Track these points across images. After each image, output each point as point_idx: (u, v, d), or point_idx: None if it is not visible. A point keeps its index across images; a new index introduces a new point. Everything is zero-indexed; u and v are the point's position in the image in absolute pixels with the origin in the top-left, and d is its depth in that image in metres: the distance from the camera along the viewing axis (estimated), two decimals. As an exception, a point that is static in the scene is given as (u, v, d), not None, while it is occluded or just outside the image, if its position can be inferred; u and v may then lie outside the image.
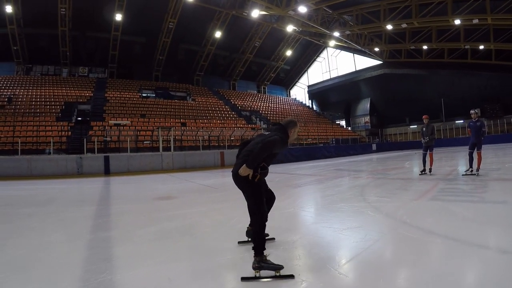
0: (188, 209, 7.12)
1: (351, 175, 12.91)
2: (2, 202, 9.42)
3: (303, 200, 7.68)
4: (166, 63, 40.84)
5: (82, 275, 3.38)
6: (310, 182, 11.10)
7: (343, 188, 9.12)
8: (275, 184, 10.84)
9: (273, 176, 14.21)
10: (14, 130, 22.87)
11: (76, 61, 37.90)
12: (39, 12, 31.78)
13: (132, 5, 33.03)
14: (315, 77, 52.07)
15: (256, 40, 41.94)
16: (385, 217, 5.37)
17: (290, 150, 25.78)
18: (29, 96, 29.93)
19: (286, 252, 3.88)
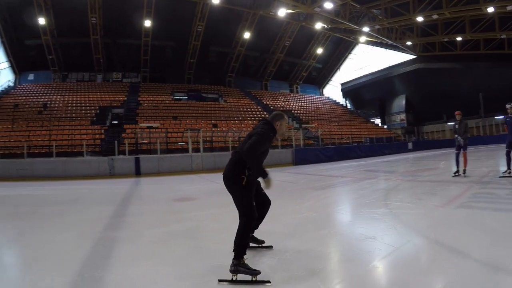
0: (201, 211, 7.08)
1: (380, 176, 12.34)
2: (32, 200, 10.27)
3: (320, 204, 7.24)
4: (198, 66, 41.22)
5: (78, 270, 3.60)
6: (335, 184, 10.67)
7: (367, 192, 8.58)
8: (298, 186, 10.63)
9: (299, 177, 13.97)
10: (50, 134, 23.89)
11: (110, 67, 39.28)
12: (71, 22, 33.59)
13: (160, 11, 33.84)
14: (348, 75, 50.76)
15: (286, 40, 41.48)
16: (403, 227, 4.76)
17: (322, 150, 25.24)
18: (65, 101, 31.39)
19: (280, 262, 3.64)
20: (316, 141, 28.91)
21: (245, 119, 33.17)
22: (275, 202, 7.36)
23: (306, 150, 25.19)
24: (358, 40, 42.50)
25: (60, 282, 3.27)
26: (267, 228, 4.82)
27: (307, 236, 4.62)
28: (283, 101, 42.61)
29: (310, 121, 35.94)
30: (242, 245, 3.25)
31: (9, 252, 4.68)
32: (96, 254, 4.27)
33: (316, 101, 47.10)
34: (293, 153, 23.25)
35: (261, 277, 3.11)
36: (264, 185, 3.38)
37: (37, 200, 10.53)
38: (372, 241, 4.17)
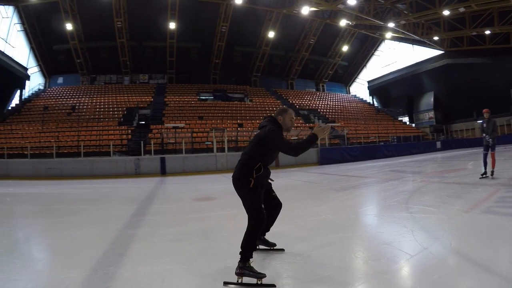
0: (219, 211, 7.07)
1: (405, 177, 11.89)
2: (59, 199, 10.68)
3: (340, 206, 6.98)
4: (223, 66, 41.49)
5: (93, 265, 3.76)
6: (358, 185, 10.35)
7: (389, 193, 8.27)
8: (320, 187, 10.47)
9: (322, 177, 13.77)
10: (78, 135, 24.69)
11: (137, 69, 40.29)
12: (97, 27, 34.80)
13: (184, 13, 34.32)
14: (375, 72, 49.51)
15: (311, 38, 40.97)
16: (421, 233, 4.44)
17: (348, 149, 24.78)
18: (93, 103, 32.50)
19: (288, 267, 3.56)
20: (342, 140, 28.49)
21: (270, 119, 33.05)
22: (294, 203, 7.50)
23: (331, 149, 24.78)
24: (384, 36, 41.33)
25: (74, 277, 3.41)
26: (281, 230, 4.80)
27: (321, 240, 4.47)
28: (309, 100, 42.11)
29: (336, 120, 35.42)
30: (249, 248, 3.23)
31: (31, 247, 4.89)
32: (113, 251, 4.39)
33: (342, 99, 46.35)
34: (318, 153, 22.92)
35: (267, 281, 3.08)
36: (323, 136, 3.45)
37: (63, 198, 10.90)
38: (387, 247, 3.97)
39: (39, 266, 3.91)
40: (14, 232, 5.80)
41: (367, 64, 49.88)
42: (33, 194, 12.08)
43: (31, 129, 26.26)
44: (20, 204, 9.75)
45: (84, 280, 3.35)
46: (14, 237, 5.40)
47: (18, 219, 7.19)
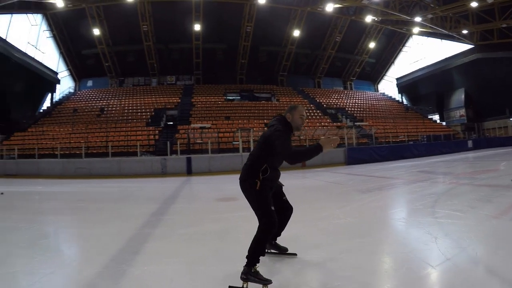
0: (238, 212, 6.87)
1: (433, 178, 11.32)
2: (86, 197, 10.92)
3: (363, 209, 6.68)
4: (249, 66, 41.57)
5: (106, 262, 3.84)
6: (383, 187, 9.91)
7: (415, 196, 7.88)
8: (344, 188, 10.21)
9: (348, 178, 13.45)
10: (107, 135, 25.35)
11: (164, 70, 41.10)
12: (124, 31, 36.00)
13: (209, 15, 34.75)
14: (403, 69, 47.80)
15: (337, 35, 40.28)
16: (446, 241, 4.06)
17: (376, 149, 24.09)
18: (121, 105, 33.39)
19: (297, 273, 3.39)
20: (370, 140, 27.93)
21: (298, 118, 32.74)
22: (315, 205, 7.41)
23: (359, 149, 24.17)
24: (411, 31, 40.13)
25: (85, 273, 3.51)
26: (299, 234, 4.69)
27: (338, 245, 4.25)
28: (337, 99, 41.43)
29: (364, 118, 34.72)
30: (256, 253, 3.09)
31: (51, 243, 5.03)
32: (128, 249, 4.44)
33: (370, 97, 45.28)
34: (345, 153, 22.41)
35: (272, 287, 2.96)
36: (329, 148, 3.14)
37: (89, 196, 11.18)
38: (406, 256, 3.64)
39: (55, 262, 3.98)
40: (38, 228, 5.98)
41: (395, 60, 48.28)
42: (60, 193, 12.44)
43: (61, 130, 27.25)
44: (47, 202, 10.05)
45: (95, 276, 3.40)
46: (36, 233, 5.55)
47: (43, 216, 7.40)
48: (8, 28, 30.06)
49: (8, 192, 11.66)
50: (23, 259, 4.08)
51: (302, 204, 7.40)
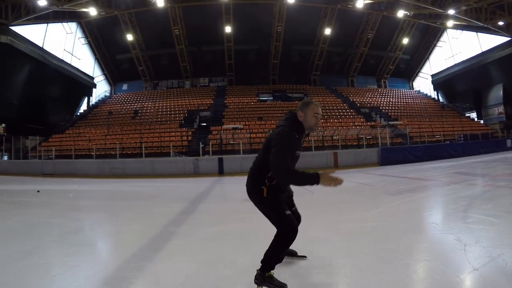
0: (258, 214, 6.78)
1: (469, 180, 10.70)
2: (118, 196, 11.42)
3: (390, 213, 6.40)
4: (281, 66, 41.44)
5: (128, 258, 3.94)
6: (415, 189, 9.44)
7: (448, 199, 7.56)
8: (374, 190, 9.92)
9: (379, 179, 13.10)
10: (141, 137, 26.03)
11: (197, 73, 41.83)
12: (157, 35, 37.10)
13: (239, 16, 35.12)
14: (438, 65, 45.40)
15: (369, 32, 39.33)
16: (475, 248, 3.70)
17: (410, 149, 23.36)
18: (155, 107, 34.38)
19: (304, 278, 3.22)
20: (404, 139, 27.12)
21: (331, 118, 32.17)
22: (342, 207, 7.23)
23: (393, 149, 23.56)
24: (445, 25, 38.40)
25: (107, 266, 3.71)
26: (321, 236, 4.66)
27: (358, 250, 4.02)
28: (370, 97, 40.33)
29: (399, 117, 33.70)
30: (272, 259, 2.89)
31: (79, 238, 5.16)
32: (150, 246, 4.51)
33: (405, 95, 43.76)
34: (379, 153, 21.92)
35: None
36: (327, 185, 2.68)
37: (122, 195, 11.58)
38: (428, 265, 3.39)
39: (80, 255, 4.13)
40: (68, 224, 6.15)
41: (429, 56, 46.22)
42: (94, 191, 12.89)
43: (97, 132, 28.41)
44: (81, 200, 10.45)
45: (115, 270, 3.54)
46: (67, 229, 5.73)
47: (74, 213, 7.66)
48: (45, 36, 31.92)
49: (45, 190, 12.21)
50: (51, 251, 4.31)
51: (327, 206, 7.41)
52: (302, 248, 3.87)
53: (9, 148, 27.23)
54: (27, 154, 25.86)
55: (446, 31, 41.73)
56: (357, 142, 25.30)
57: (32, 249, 4.34)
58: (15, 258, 3.93)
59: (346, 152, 22.31)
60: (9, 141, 27.30)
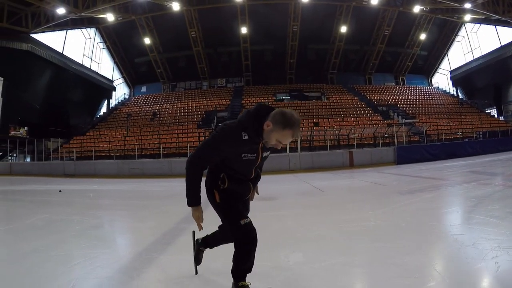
0: (272, 212, 6.94)
1: (482, 180, 10.40)
2: (136, 195, 11.83)
3: (396, 212, 6.30)
4: (298, 65, 41.41)
5: (140, 251, 4.26)
6: (426, 189, 9.26)
7: (456, 199, 7.60)
8: (385, 189, 9.89)
9: (392, 178, 13.05)
10: (160, 137, 26.74)
11: (214, 74, 42.47)
12: (174, 38, 37.96)
13: (254, 17, 35.58)
14: (457, 60, 44.14)
15: (385, 29, 38.94)
16: (469, 250, 3.61)
17: (427, 147, 23.05)
18: (174, 108, 35.29)
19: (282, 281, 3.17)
20: (422, 138, 26.85)
21: (347, 116, 32.06)
22: (348, 206, 7.42)
23: (409, 147, 23.37)
24: (462, 19, 37.60)
25: (121, 259, 3.99)
26: (319, 235, 4.78)
27: (353, 248, 4.07)
28: (388, 95, 39.97)
29: (417, 115, 33.20)
30: (240, 270, 2.59)
31: (96, 233, 5.55)
32: (161, 240, 4.84)
33: (423, 92, 43.00)
34: (395, 152, 21.66)
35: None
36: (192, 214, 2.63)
37: (140, 194, 12.00)
38: (417, 270, 3.18)
39: (98, 248, 4.45)
40: (87, 221, 6.54)
41: (448, 52, 45.15)
42: (114, 191, 13.46)
43: (117, 134, 29.35)
44: (100, 199, 10.97)
45: (127, 261, 3.86)
46: (87, 225, 6.14)
47: (94, 211, 8.06)
48: (64, 43, 33.36)
49: (66, 190, 12.77)
50: (71, 245, 4.68)
51: (334, 206, 7.55)
52: (297, 245, 4.10)
53: (32, 150, 28.55)
54: (49, 156, 26.99)
55: (464, 25, 40.69)
56: (373, 141, 25.22)
57: (54, 243, 4.72)
58: (39, 250, 4.29)
59: (362, 151, 22.31)
60: (31, 144, 28.59)
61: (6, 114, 26.97)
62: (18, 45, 27.27)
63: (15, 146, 28.56)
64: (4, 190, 14.06)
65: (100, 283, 3.18)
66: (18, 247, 4.55)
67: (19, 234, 5.45)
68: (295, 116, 2.31)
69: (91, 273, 3.43)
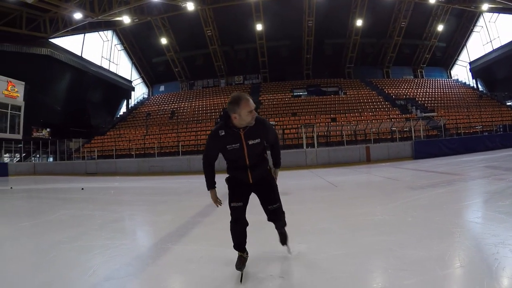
0: (283, 206, 6.99)
1: (497, 175, 10.02)
2: (155, 191, 12.28)
3: (405, 207, 6.23)
4: (315, 61, 41.26)
5: (155, 242, 4.68)
6: (438, 184, 9.08)
7: (467, 194, 7.50)
8: (398, 184, 9.77)
9: (407, 173, 12.88)
10: (178, 135, 27.27)
11: (231, 71, 42.85)
12: (190, 37, 38.50)
13: (269, 14, 35.61)
14: (476, 51, 42.45)
15: (401, 21, 38.21)
16: (470, 246, 3.65)
17: (445, 141, 22.49)
18: (192, 107, 35.76)
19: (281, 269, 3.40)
20: (440, 132, 26.35)
21: (365, 111, 31.70)
22: (359, 201, 7.57)
23: (427, 142, 22.85)
24: (480, 8, 35.86)
25: (139, 248, 4.43)
26: (323, 227, 4.92)
27: (355, 241, 4.16)
28: (406, 89, 39.17)
29: (436, 108, 32.37)
30: (232, 240, 3.26)
31: (116, 227, 5.96)
32: (176, 232, 5.14)
33: (442, 85, 41.86)
34: (412, 146, 21.39)
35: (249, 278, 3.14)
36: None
37: (159, 191, 12.44)
38: (418, 259, 3.29)
39: (117, 239, 4.80)
40: (108, 215, 6.99)
41: (467, 43, 43.60)
42: (134, 188, 13.95)
43: (137, 133, 30.13)
44: (121, 195, 11.43)
45: (145, 250, 4.31)
46: (107, 219, 6.56)
47: (115, 206, 8.49)
48: (83, 46, 34.42)
49: (88, 187, 13.36)
50: (93, 237, 5.02)
51: (345, 200, 7.68)
52: (303, 237, 4.25)
53: (55, 151, 29.68)
54: (71, 156, 28.01)
55: (482, 15, 39.19)
56: (390, 136, 25.06)
57: (77, 235, 5.09)
58: (63, 242, 4.67)
59: (379, 146, 22.09)
60: (54, 144, 29.71)
61: (28, 117, 28.19)
62: (38, 50, 28.34)
63: (38, 147, 29.72)
64: (29, 189, 14.72)
65: (118, 268, 3.49)
66: (44, 239, 4.94)
67: (45, 228, 5.84)
68: (235, 93, 2.96)
69: (110, 260, 3.75)
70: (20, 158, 30.37)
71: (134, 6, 31.31)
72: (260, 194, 3.35)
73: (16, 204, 10.01)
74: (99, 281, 3.13)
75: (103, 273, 3.33)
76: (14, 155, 30.69)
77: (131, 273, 3.38)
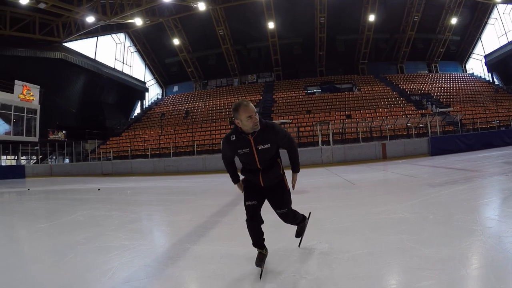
0: (301, 205, 6.23)
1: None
2: (171, 191, 12.32)
3: (424, 205, 6.05)
4: (328, 57, 41.00)
5: (174, 241, 4.64)
6: (458, 181, 8.92)
7: (488, 191, 7.26)
8: (416, 182, 9.52)
9: (424, 170, 12.69)
10: (193, 135, 27.41)
11: (244, 70, 42.96)
12: (202, 38, 38.84)
13: (280, 11, 35.53)
14: (491, 44, 41.25)
15: (414, 15, 37.52)
16: (493, 245, 3.50)
17: (462, 137, 21.94)
18: (206, 106, 35.94)
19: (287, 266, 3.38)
20: (456, 127, 25.89)
21: (380, 107, 31.32)
22: (377, 199, 7.48)
23: (443, 138, 22.59)
24: (494, 0, 35.25)
25: (158, 249, 4.39)
26: (343, 226, 4.85)
27: (377, 239, 4.08)
28: (421, 84, 38.46)
29: (451, 103, 31.83)
30: (251, 238, 3.34)
31: (134, 227, 5.94)
32: (195, 232, 5.11)
33: (458, 79, 41.11)
34: (429, 142, 21.05)
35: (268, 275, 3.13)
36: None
37: (175, 190, 12.47)
38: (439, 262, 3.12)
39: (135, 241, 4.75)
40: (125, 215, 7.01)
41: (481, 35, 42.55)
42: (150, 188, 14.01)
43: (151, 133, 30.38)
44: (137, 195, 11.50)
45: (164, 251, 4.24)
46: (124, 219, 6.57)
47: (131, 207, 8.54)
48: (96, 48, 35.01)
49: (105, 188, 13.43)
50: (110, 237, 5.01)
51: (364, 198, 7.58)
52: (324, 237, 4.21)
53: (71, 152, 30.25)
54: (87, 157, 28.41)
55: (496, 6, 38.15)
56: (406, 132, 24.74)
57: (95, 236, 5.10)
58: (81, 242, 4.67)
59: (395, 143, 21.77)
60: (70, 146, 30.29)
61: (44, 120, 28.69)
62: (51, 54, 28.81)
63: (54, 149, 30.12)
64: (47, 190, 14.94)
65: (138, 270, 3.45)
66: (62, 240, 4.96)
67: (63, 229, 5.86)
68: (237, 101, 3.09)
69: (129, 262, 3.71)
70: (37, 160, 30.92)
71: (146, 8, 31.48)
72: (269, 198, 3.43)
73: (34, 205, 10.12)
74: (118, 284, 3.09)
75: (122, 275, 3.30)
76: (31, 157, 31.21)
77: (151, 274, 3.33)
